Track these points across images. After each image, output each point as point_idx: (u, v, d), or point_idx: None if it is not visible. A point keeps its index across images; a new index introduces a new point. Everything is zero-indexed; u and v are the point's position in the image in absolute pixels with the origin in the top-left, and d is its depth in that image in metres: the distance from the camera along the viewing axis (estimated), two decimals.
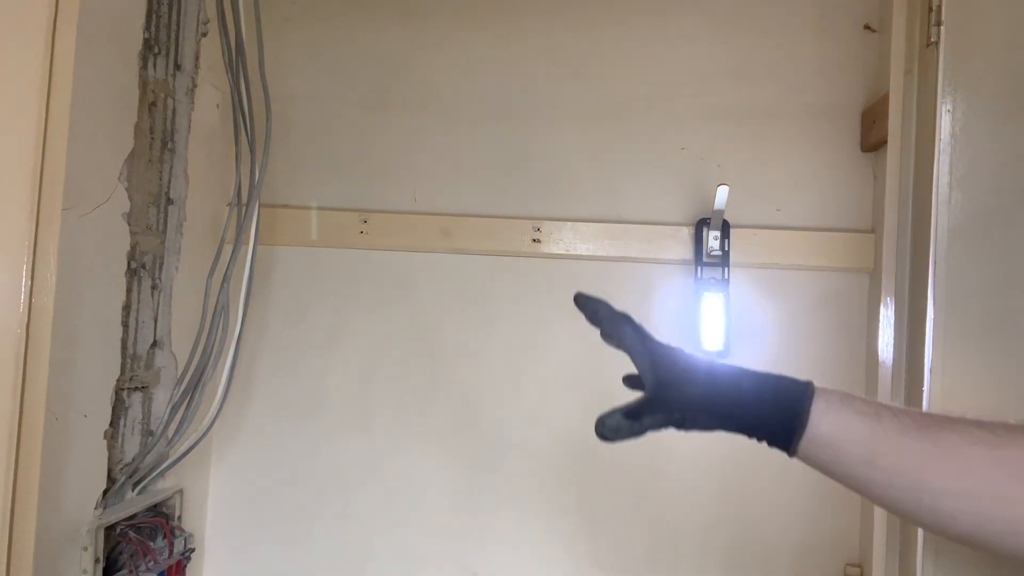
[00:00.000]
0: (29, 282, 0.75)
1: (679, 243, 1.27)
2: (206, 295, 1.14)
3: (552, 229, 1.29)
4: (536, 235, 1.29)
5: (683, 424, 0.62)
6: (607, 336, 0.70)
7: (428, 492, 1.30)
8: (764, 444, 0.61)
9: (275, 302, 1.34)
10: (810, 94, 1.28)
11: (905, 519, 0.60)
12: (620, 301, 1.27)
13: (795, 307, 1.26)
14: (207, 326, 1.13)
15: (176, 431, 1.12)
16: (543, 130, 1.32)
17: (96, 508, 1.00)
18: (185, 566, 1.14)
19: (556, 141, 1.32)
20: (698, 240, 1.25)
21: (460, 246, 1.30)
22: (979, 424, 0.57)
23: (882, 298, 1.13)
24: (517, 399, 1.30)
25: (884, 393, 1.08)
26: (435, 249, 1.31)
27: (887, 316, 1.12)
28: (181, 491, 1.19)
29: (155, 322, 1.13)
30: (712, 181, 1.26)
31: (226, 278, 1.14)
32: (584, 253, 1.28)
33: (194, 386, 1.12)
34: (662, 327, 1.26)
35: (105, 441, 1.01)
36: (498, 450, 1.29)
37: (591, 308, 0.71)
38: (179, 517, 1.18)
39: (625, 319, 0.69)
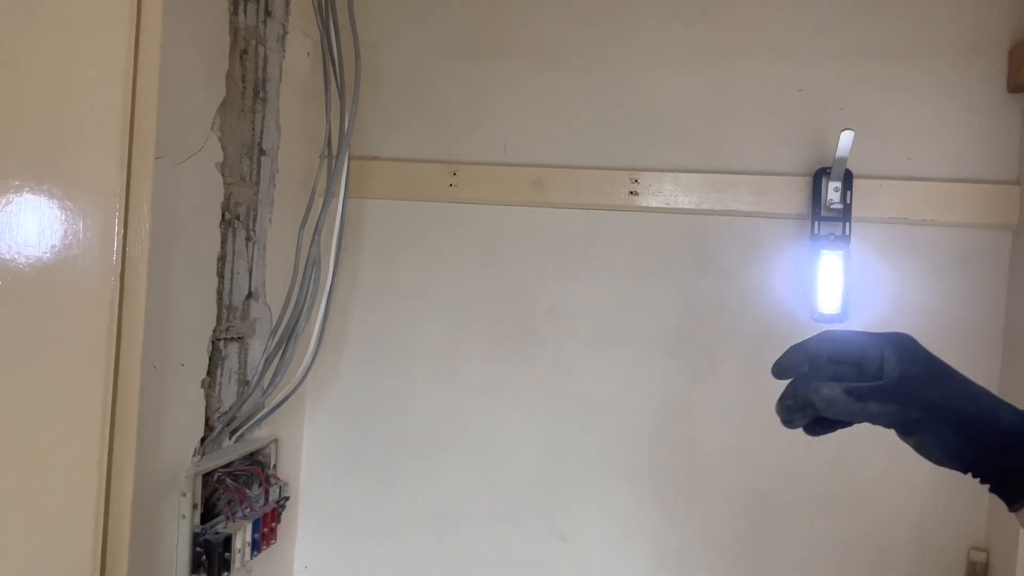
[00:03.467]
0: (123, 231, 0.74)
1: (793, 195, 1.16)
2: (298, 247, 1.13)
3: (651, 180, 1.20)
4: (634, 187, 1.21)
5: (913, 430, 0.51)
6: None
7: (516, 451, 1.27)
8: (987, 488, 0.51)
9: (365, 255, 1.32)
10: (948, 27, 1.13)
11: None
12: (725, 259, 1.20)
13: (925, 267, 1.13)
14: (299, 278, 1.12)
15: (271, 381, 1.13)
16: (642, 73, 1.23)
17: (194, 455, 1.02)
18: (280, 513, 1.16)
19: (656, 85, 1.22)
20: (816, 192, 1.14)
21: (552, 199, 1.24)
22: None
23: None
24: (611, 360, 1.24)
25: None
26: (526, 202, 1.25)
27: None
28: (276, 440, 1.21)
29: (250, 273, 1.14)
30: (833, 126, 1.14)
31: (317, 230, 1.12)
32: (686, 206, 1.19)
33: (287, 337, 1.12)
34: (771, 288, 1.18)
35: (203, 390, 1.03)
36: (589, 412, 1.24)
37: (788, 363, 0.58)
38: (274, 466, 1.20)
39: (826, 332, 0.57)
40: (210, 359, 1.05)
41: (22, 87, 0.74)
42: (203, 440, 1.04)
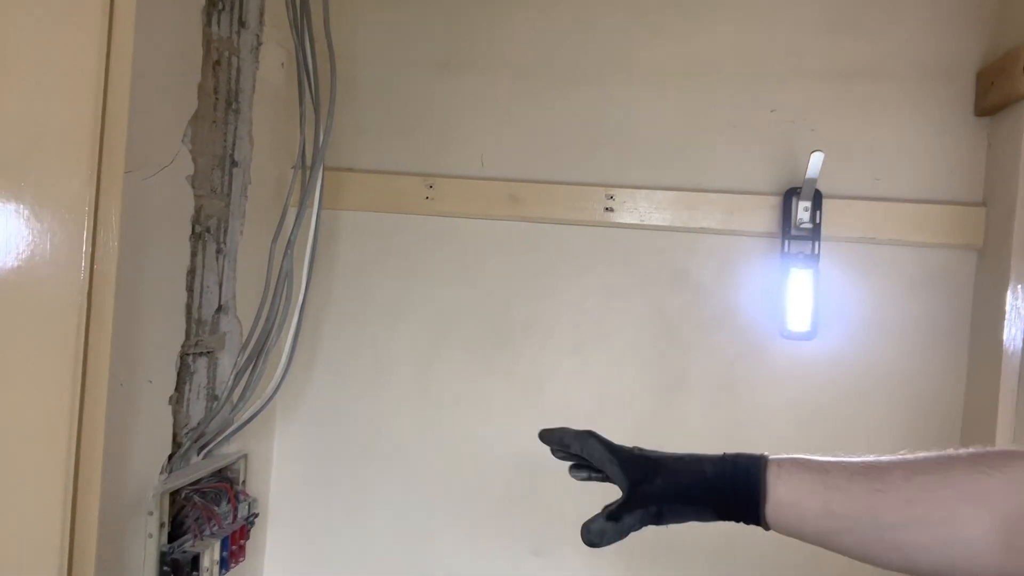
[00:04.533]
0: (90, 248, 0.73)
1: (764, 214, 1.18)
2: (270, 260, 1.12)
3: (626, 197, 1.21)
4: (609, 203, 1.22)
5: (661, 517, 0.65)
6: (577, 455, 0.72)
7: (491, 465, 1.26)
8: (741, 525, 0.63)
9: (339, 268, 1.31)
10: (918, 51, 1.16)
11: (886, 567, 0.60)
12: (698, 276, 1.21)
13: (893, 285, 1.16)
14: (271, 292, 1.11)
15: (241, 396, 1.11)
16: (618, 91, 1.24)
17: (161, 473, 1.00)
18: (249, 530, 1.14)
19: (632, 103, 1.23)
20: (786, 211, 1.16)
21: (528, 214, 1.24)
22: (925, 457, 0.59)
23: (1010, 283, 1.01)
24: (585, 374, 1.24)
25: (1010, 388, 0.98)
26: (503, 216, 1.25)
27: (1015, 303, 1.01)
28: (246, 456, 1.19)
29: (220, 287, 1.12)
30: (804, 147, 1.16)
31: (290, 243, 1.11)
32: (660, 223, 1.20)
33: (259, 352, 1.11)
34: (742, 305, 1.19)
35: (170, 406, 1.01)
36: (564, 425, 1.24)
37: (556, 436, 0.74)
38: (243, 482, 1.18)
39: (589, 433, 0.71)
40: (178, 374, 1.03)
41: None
42: (171, 457, 1.02)
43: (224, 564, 1.07)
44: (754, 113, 1.20)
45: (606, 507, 0.66)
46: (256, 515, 1.16)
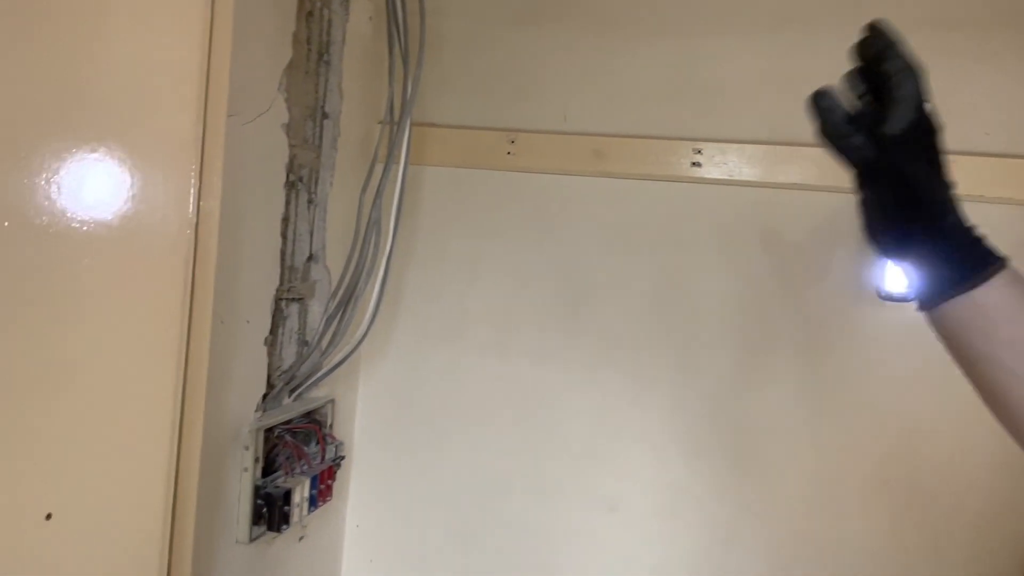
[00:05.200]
0: (198, 184, 0.76)
1: None
2: (359, 211, 1.14)
3: (714, 152, 1.18)
4: (696, 158, 1.19)
5: (871, 180, 0.60)
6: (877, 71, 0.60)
7: (567, 421, 1.27)
8: (915, 281, 0.60)
9: (420, 222, 1.33)
10: None
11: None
12: (790, 234, 1.17)
13: (1000, 247, 1.09)
14: (359, 243, 1.14)
15: (330, 343, 1.15)
16: (708, 40, 1.20)
17: (256, 411, 1.04)
18: (336, 471, 1.19)
19: (723, 53, 1.19)
20: None
21: (612, 169, 1.22)
22: None
23: None
24: (665, 336, 1.23)
25: None
26: (585, 172, 1.24)
27: None
28: (333, 401, 1.23)
29: (311, 236, 1.15)
30: None
31: (378, 196, 1.13)
32: (750, 178, 1.17)
33: (347, 300, 1.14)
34: (836, 265, 1.15)
35: (265, 348, 1.05)
36: (643, 385, 1.24)
37: (883, 40, 0.61)
38: (331, 425, 1.22)
39: (916, 69, 0.60)
40: (272, 318, 1.07)
41: (105, 48, 0.75)
42: (264, 397, 1.06)
43: (313, 502, 1.11)
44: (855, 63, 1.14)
45: (860, 111, 0.60)
46: (342, 458, 1.20)
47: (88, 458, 0.65)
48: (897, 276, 1.09)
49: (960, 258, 0.58)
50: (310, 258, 1.16)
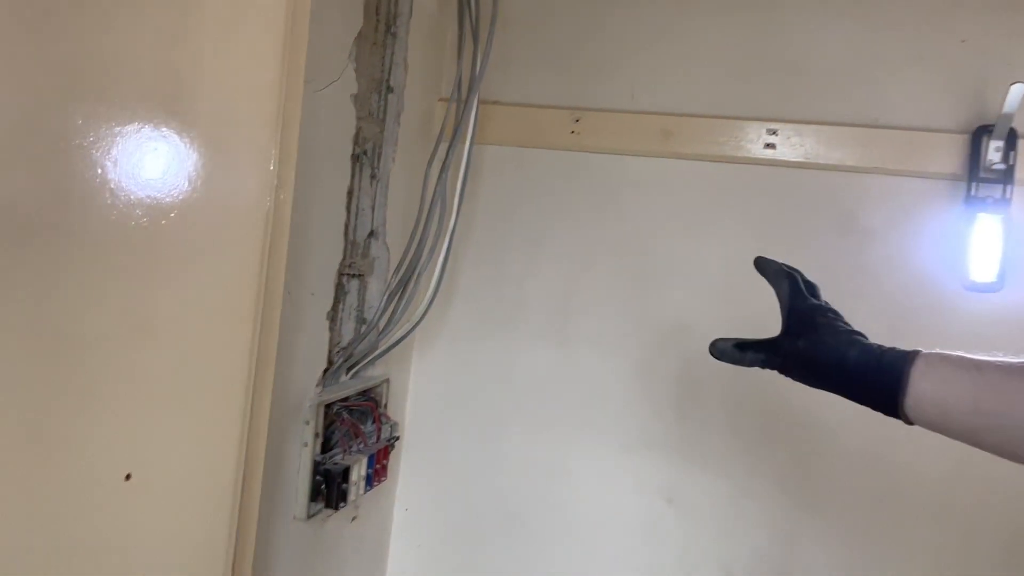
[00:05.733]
0: (277, 151, 0.74)
1: (949, 154, 1.07)
2: (423, 188, 1.12)
3: (790, 132, 1.14)
4: (771, 139, 1.15)
5: (786, 371, 0.69)
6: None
7: (627, 408, 1.24)
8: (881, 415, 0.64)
9: (480, 202, 1.30)
10: None
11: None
12: (868, 220, 1.12)
13: None
14: (422, 221, 1.11)
15: (388, 321, 1.13)
16: (786, 16, 1.15)
17: (317, 386, 1.03)
18: (391, 451, 1.17)
19: (801, 29, 1.15)
20: (974, 151, 1.05)
21: (681, 150, 1.19)
22: None
23: None
24: (732, 322, 1.18)
25: None
26: (653, 153, 1.21)
27: None
28: (388, 380, 1.21)
29: (372, 212, 1.13)
30: (997, 81, 1.05)
31: (443, 172, 1.10)
32: (828, 162, 1.12)
33: (408, 278, 1.11)
34: (918, 253, 1.10)
35: (327, 322, 1.03)
36: (708, 375, 1.20)
37: (761, 262, 0.78)
38: (386, 405, 1.20)
39: (790, 273, 0.75)
40: (335, 293, 1.05)
41: (189, 16, 0.73)
42: (324, 372, 1.05)
43: (369, 481, 1.10)
44: (941, 43, 1.09)
45: (748, 339, 0.72)
46: (397, 438, 1.18)
47: (166, 421, 0.64)
48: (984, 267, 1.03)
49: (876, 380, 0.63)
50: (371, 234, 1.14)
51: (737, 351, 0.71)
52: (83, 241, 0.55)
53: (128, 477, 0.60)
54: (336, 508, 1.02)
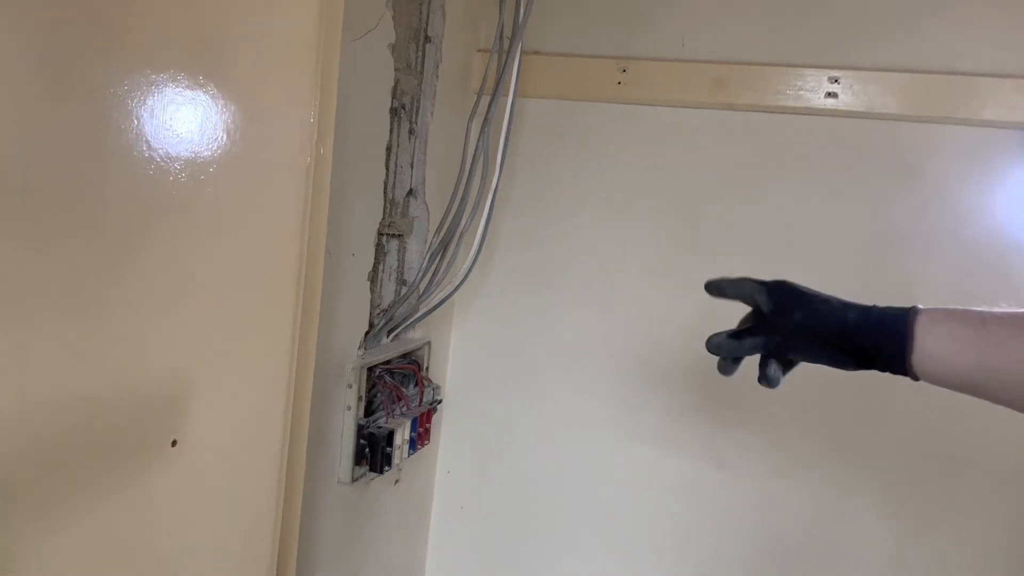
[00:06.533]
0: (316, 103, 0.70)
1: (1023, 102, 1.00)
2: (465, 145, 1.07)
3: (852, 80, 1.06)
4: (832, 88, 1.08)
5: (785, 351, 0.66)
6: (733, 298, 0.71)
7: (674, 376, 1.20)
8: (888, 375, 0.61)
9: (520, 158, 1.26)
10: None
11: None
12: (934, 174, 1.06)
13: None
14: (464, 178, 1.07)
15: (429, 283, 1.10)
16: None
17: (359, 348, 1.00)
18: (432, 416, 1.15)
19: None
20: None
21: (735, 100, 1.12)
22: None
23: None
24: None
25: None
26: (704, 104, 1.14)
27: None
28: (429, 343, 1.18)
29: (411, 169, 1.09)
30: None
31: (486, 125, 1.06)
32: (892, 111, 1.05)
33: (450, 238, 1.08)
34: (987, 210, 1.03)
35: (368, 284, 1.01)
36: None
37: (713, 284, 0.73)
38: (427, 368, 1.18)
39: (743, 278, 0.71)
40: (374, 254, 1.02)
41: None
42: (365, 335, 1.02)
43: (412, 445, 1.08)
44: None
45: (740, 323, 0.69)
46: (439, 401, 1.16)
47: (211, 386, 0.62)
48: None
49: (880, 340, 0.61)
50: (410, 193, 1.11)
51: (735, 341, 0.67)
52: (118, 196, 0.52)
53: (174, 443, 0.58)
54: (380, 472, 1.01)
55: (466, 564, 1.34)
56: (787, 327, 0.65)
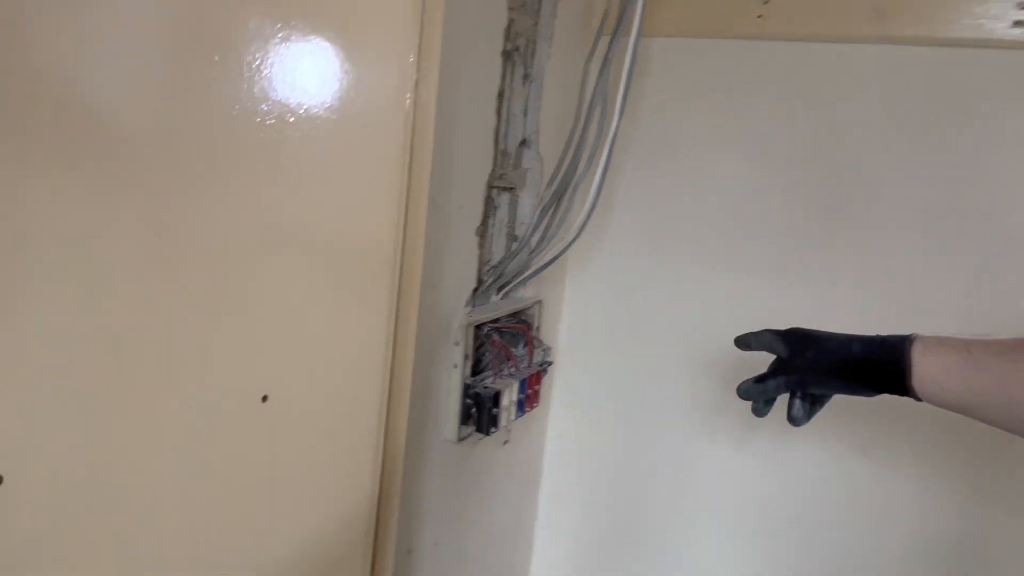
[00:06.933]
0: (417, 43, 0.65)
1: None
2: (582, 89, 0.99)
3: None
4: (1020, 15, 0.90)
5: (805, 386, 0.73)
6: (758, 349, 0.80)
7: None
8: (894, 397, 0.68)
9: (644, 105, 1.16)
10: None
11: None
12: None
13: None
14: (580, 125, 0.99)
15: (541, 239, 1.04)
16: None
17: (466, 306, 0.97)
18: (542, 378, 1.10)
19: None
20: None
21: (899, 33, 0.97)
22: None
23: None
24: (952, 257, 0.98)
25: None
26: (861, 38, 1.00)
27: None
28: (540, 302, 1.13)
29: (525, 117, 1.03)
30: None
31: (604, 68, 0.97)
32: None
33: (563, 191, 1.01)
34: None
35: (476, 239, 0.96)
36: (911, 315, 1.01)
37: (742, 339, 0.82)
38: (538, 328, 1.13)
39: (764, 330, 0.79)
40: (484, 207, 0.97)
41: None
42: (474, 292, 0.98)
43: (520, 407, 1.04)
44: None
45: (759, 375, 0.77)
46: (550, 363, 1.11)
47: (304, 339, 0.60)
48: None
49: (883, 365, 0.67)
50: (523, 143, 1.04)
51: (760, 385, 0.75)
52: (211, 141, 0.49)
53: (265, 399, 0.56)
54: (487, 432, 0.98)
55: (577, 528, 1.30)
56: (802, 366, 0.73)
